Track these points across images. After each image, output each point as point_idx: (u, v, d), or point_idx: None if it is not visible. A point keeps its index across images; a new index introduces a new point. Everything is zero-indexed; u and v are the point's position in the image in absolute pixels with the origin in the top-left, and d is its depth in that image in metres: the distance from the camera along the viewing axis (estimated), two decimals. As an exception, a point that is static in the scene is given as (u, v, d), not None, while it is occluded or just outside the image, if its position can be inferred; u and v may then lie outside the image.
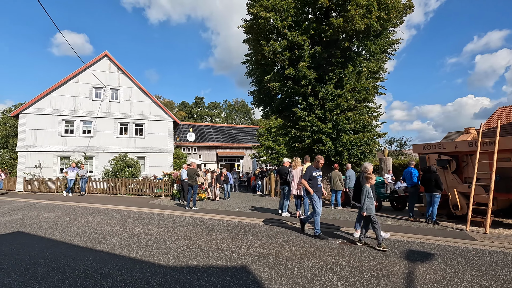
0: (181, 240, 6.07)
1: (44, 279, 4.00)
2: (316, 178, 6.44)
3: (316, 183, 6.43)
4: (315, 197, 6.32)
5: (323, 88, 13.22)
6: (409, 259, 4.80)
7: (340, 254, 5.07)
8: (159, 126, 22.34)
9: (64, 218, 8.59)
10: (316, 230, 6.24)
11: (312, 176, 6.42)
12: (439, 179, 7.58)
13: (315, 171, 6.51)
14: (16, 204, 11.69)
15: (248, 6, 13.68)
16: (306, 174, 6.52)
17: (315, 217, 6.25)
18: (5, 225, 7.58)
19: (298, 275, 4.09)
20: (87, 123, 20.31)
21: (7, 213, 9.59)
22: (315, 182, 6.43)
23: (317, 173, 6.52)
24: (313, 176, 6.42)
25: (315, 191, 6.35)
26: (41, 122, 19.03)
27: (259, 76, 15.12)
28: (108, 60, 21.31)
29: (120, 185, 15.63)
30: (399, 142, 34.71)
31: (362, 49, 14.25)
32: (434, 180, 7.54)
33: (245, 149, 37.14)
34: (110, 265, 4.54)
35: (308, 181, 6.39)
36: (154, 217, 8.80)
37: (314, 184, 6.41)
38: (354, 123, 13.38)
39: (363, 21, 11.76)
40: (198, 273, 4.20)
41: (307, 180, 6.40)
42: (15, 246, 5.61)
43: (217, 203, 12.28)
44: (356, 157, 13.72)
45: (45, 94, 19.29)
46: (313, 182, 6.42)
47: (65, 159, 19.40)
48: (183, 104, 73.11)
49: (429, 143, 8.91)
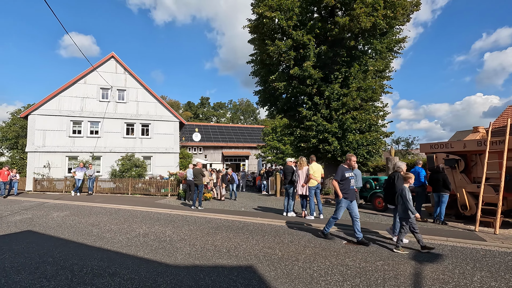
0: (187, 239, 6.10)
1: (53, 277, 4.07)
2: (348, 179, 5.82)
3: (348, 185, 5.81)
4: (342, 203, 5.74)
5: (329, 87, 13.15)
6: (416, 259, 4.75)
7: (346, 254, 5.04)
8: (165, 127, 22.51)
9: (73, 218, 8.72)
10: (326, 228, 6.04)
11: (344, 176, 5.79)
12: (447, 179, 7.47)
13: (347, 171, 5.89)
14: (26, 204, 11.90)
15: (253, 6, 13.68)
16: (338, 174, 5.84)
17: (331, 219, 5.93)
18: (15, 224, 7.72)
19: (304, 275, 4.07)
20: (95, 123, 20.57)
21: (17, 212, 9.77)
22: (347, 183, 5.79)
23: (350, 174, 5.90)
24: (345, 177, 5.79)
25: (345, 195, 5.74)
26: (49, 123, 19.34)
27: (264, 76, 15.11)
28: (114, 61, 21.55)
29: (127, 185, 15.79)
30: (406, 141, 34.29)
31: (368, 48, 14.12)
32: (442, 180, 7.44)
33: (250, 149, 37.17)
34: (117, 264, 4.60)
35: (340, 182, 5.80)
36: (160, 217, 8.87)
37: (346, 186, 5.78)
38: (360, 123, 13.27)
39: (369, 19, 11.65)
40: (204, 272, 4.22)
41: (338, 181, 5.80)
42: (25, 245, 5.72)
43: (222, 203, 12.31)
44: (362, 157, 13.61)
45: (53, 95, 19.61)
46: (345, 183, 5.78)
47: (73, 159, 19.69)
48: (189, 104, 73.50)
49: (436, 142, 8.79)
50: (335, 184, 5.83)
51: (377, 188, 10.95)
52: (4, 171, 14.82)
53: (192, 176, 11.25)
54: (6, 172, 14.83)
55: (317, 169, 8.49)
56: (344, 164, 6.06)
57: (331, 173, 14.21)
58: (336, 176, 5.88)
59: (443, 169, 7.67)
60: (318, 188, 8.54)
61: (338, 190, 5.78)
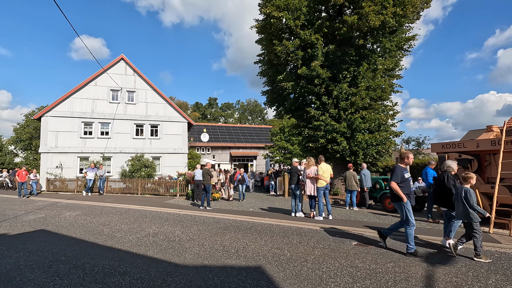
0: (196, 239, 6.14)
1: (66, 276, 4.15)
2: (408, 180, 5.20)
3: (408, 187, 5.19)
4: (408, 206, 5.07)
5: (337, 87, 13.03)
6: (428, 261, 4.66)
7: (356, 255, 4.98)
8: (173, 127, 22.71)
9: (84, 217, 8.88)
10: (409, 246, 5.01)
11: (404, 177, 5.17)
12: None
13: (406, 171, 5.26)
14: (39, 203, 12.19)
15: (261, 6, 13.68)
16: (396, 175, 5.17)
17: (408, 230, 5.06)
18: (29, 223, 7.91)
19: (313, 276, 4.05)
20: (105, 124, 20.91)
21: (31, 211, 10.01)
22: (407, 185, 5.18)
23: (408, 174, 5.26)
24: (404, 178, 5.17)
25: (408, 197, 5.10)
26: (61, 124, 19.76)
27: (272, 76, 15.09)
28: (124, 63, 21.86)
29: (136, 185, 16.00)
30: (416, 141, 33.73)
31: (377, 47, 13.94)
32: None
33: (258, 149, 37.17)
34: (127, 263, 4.66)
35: (399, 184, 5.12)
36: (169, 217, 8.95)
37: (406, 188, 5.16)
38: (369, 122, 13.12)
39: (378, 17, 11.51)
40: (213, 272, 4.23)
41: (398, 182, 5.11)
42: (38, 244, 5.85)
43: (231, 203, 12.35)
44: (372, 157, 13.46)
45: (65, 97, 20.02)
46: (405, 185, 5.16)
47: (85, 159, 20.06)
48: (197, 105, 74.00)
49: (448, 142, 8.61)
50: (395, 187, 5.09)
51: (386, 188, 10.80)
52: (22, 171, 15.02)
53: (201, 177, 11.34)
54: (24, 172, 15.00)
55: (326, 169, 8.42)
56: (400, 164, 5.36)
57: (340, 173, 14.08)
58: (395, 177, 5.17)
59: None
60: (327, 188, 8.47)
61: (400, 193, 5.05)
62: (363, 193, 10.69)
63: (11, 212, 9.83)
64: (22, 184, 14.65)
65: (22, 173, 14.83)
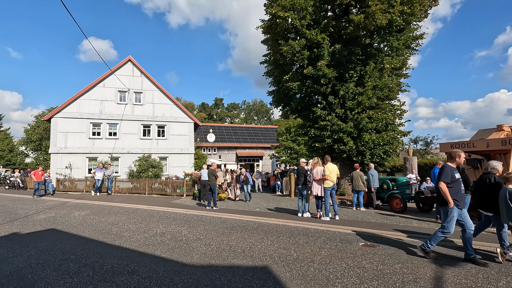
0: (203, 239, 6.18)
1: (76, 274, 4.22)
2: (458, 181, 4.69)
3: (458, 188, 4.66)
4: (454, 211, 4.55)
5: (344, 86, 12.95)
6: (437, 263, 4.60)
7: (363, 256, 4.95)
8: (180, 128, 22.89)
9: (93, 217, 9.02)
10: (429, 243, 4.81)
11: (454, 177, 4.66)
12: (468, 180, 7.19)
13: (456, 171, 4.77)
14: (50, 203, 12.41)
15: (266, 7, 13.69)
16: (445, 174, 4.67)
17: (438, 233, 4.74)
18: (40, 223, 8.07)
19: (319, 277, 4.04)
20: (113, 125, 21.19)
21: (41, 211, 10.21)
22: (457, 186, 4.65)
23: (458, 175, 4.77)
24: (455, 178, 4.66)
25: (456, 202, 4.57)
26: (71, 125, 20.10)
27: (278, 76, 15.08)
28: (131, 64, 22.12)
29: (144, 185, 16.17)
30: (424, 140, 33.25)
31: (384, 45, 13.81)
32: (463, 181, 7.15)
33: (264, 149, 37.17)
34: (135, 262, 4.72)
35: (448, 184, 4.62)
36: (176, 217, 9.02)
37: (456, 190, 4.63)
38: (376, 122, 13.00)
39: (385, 16, 11.40)
40: (219, 272, 4.26)
41: (447, 182, 4.61)
42: (49, 243, 5.97)
43: (237, 203, 12.38)
44: (379, 157, 13.33)
45: (74, 98, 20.36)
46: (455, 186, 4.63)
47: (93, 160, 20.36)
48: (203, 105, 74.37)
49: (457, 142, 8.49)
50: (443, 188, 4.58)
51: (394, 188, 10.70)
52: (38, 171, 15.13)
53: (207, 177, 11.42)
54: (40, 172, 15.14)
55: (333, 170, 8.38)
56: (451, 163, 4.85)
57: (347, 174, 14.00)
58: (444, 177, 4.65)
59: (463, 170, 7.39)
60: (333, 188, 8.43)
61: (448, 196, 4.53)
62: (370, 194, 10.60)
63: (22, 212, 10.04)
64: (38, 184, 14.79)
65: (38, 173, 14.99)
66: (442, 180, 4.65)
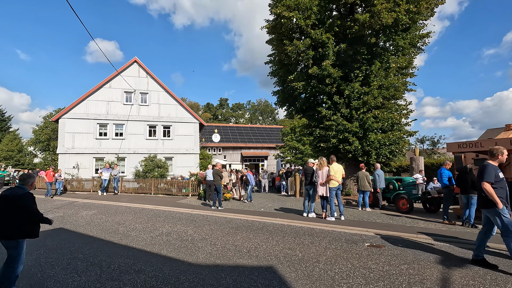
0: (208, 239, 6.21)
1: (84, 273, 4.29)
2: (502, 180, 4.34)
3: (504, 189, 4.30)
4: (504, 212, 4.16)
5: (349, 86, 12.89)
6: (444, 264, 4.56)
7: (369, 257, 4.93)
8: (185, 128, 23.03)
9: (100, 216, 9.13)
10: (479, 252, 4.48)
11: (499, 177, 4.31)
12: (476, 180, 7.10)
13: (499, 170, 4.41)
14: (58, 203, 12.60)
15: (271, 7, 13.69)
16: (489, 174, 4.28)
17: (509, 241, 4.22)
18: (48, 222, 8.20)
19: (325, 277, 4.03)
20: (119, 126, 21.42)
21: (50, 210, 10.37)
22: (502, 186, 4.30)
23: (502, 174, 4.43)
24: (499, 177, 4.31)
25: (504, 201, 4.21)
26: (78, 126, 20.37)
27: (283, 76, 15.07)
28: (137, 65, 22.32)
29: (149, 185, 16.30)
30: (431, 140, 32.87)
31: (390, 45, 13.70)
32: (471, 181, 7.08)
33: (269, 149, 37.15)
34: (142, 261, 4.77)
35: (493, 184, 4.25)
36: (182, 216, 9.08)
37: (502, 191, 4.27)
38: (382, 122, 12.91)
39: (390, 15, 11.31)
40: (225, 271, 4.28)
41: (491, 182, 4.24)
42: (57, 242, 6.07)
43: (242, 203, 12.41)
44: (385, 157, 13.24)
45: (81, 99, 20.63)
46: (500, 186, 4.28)
47: (100, 160, 20.60)
48: (208, 105, 74.64)
49: (465, 141, 8.38)
50: (489, 189, 4.20)
51: (400, 189, 10.61)
52: (50, 171, 15.23)
53: (212, 177, 11.52)
54: (51, 172, 15.20)
55: (338, 170, 8.35)
56: (492, 161, 4.47)
57: (352, 174, 13.93)
58: (487, 177, 4.26)
59: (471, 170, 7.29)
60: (339, 189, 8.40)
61: (495, 196, 4.15)
62: (376, 194, 10.53)
63: (32, 211, 10.20)
64: (50, 184, 14.88)
65: (50, 173, 15.06)
66: (485, 180, 4.26)
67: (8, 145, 33.77)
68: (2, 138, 36.20)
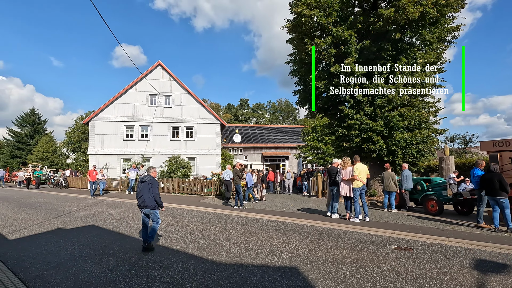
0: (231, 238, 6.29)
1: (115, 268, 4.50)
2: None
3: None
4: None
5: (372, 84, 12.51)
6: (479, 269, 4.30)
7: (397, 260, 4.76)
8: (207, 129, 23.42)
9: (128, 214, 9.52)
10: None
11: None
12: (503, 180, 6.61)
13: None
14: (89, 201, 13.28)
15: (291, 6, 13.58)
16: None
17: None
18: (81, 219, 8.67)
19: (350, 279, 3.95)
20: (144, 127, 22.19)
21: (82, 208, 10.96)
22: None
23: None
24: None
25: None
26: (106, 128, 21.35)
27: (304, 75, 14.90)
28: (161, 69, 23.02)
29: (173, 184, 16.75)
30: (462, 139, 31.06)
31: (416, 39, 13.12)
32: (498, 181, 6.61)
33: (290, 149, 36.89)
34: (168, 258, 4.92)
35: None
36: (205, 215, 9.25)
37: None
38: (408, 120, 12.40)
39: (416, 9, 10.84)
40: (248, 271, 4.31)
41: None
42: (90, 238, 6.40)
43: (263, 203, 12.43)
44: (412, 156, 12.69)
45: (109, 103, 21.60)
46: None
47: (127, 160, 21.46)
48: (229, 106, 75.43)
49: (501, 140, 7.86)
50: None
51: (429, 189, 10.13)
52: (93, 171, 15.14)
53: (228, 177, 12.20)
54: (94, 172, 15.10)
55: (362, 170, 8.14)
56: None
57: (377, 174, 13.49)
58: None
59: (495, 169, 6.81)
60: (363, 189, 8.19)
61: None
62: (403, 195, 10.14)
63: (65, 209, 10.85)
64: (93, 183, 14.95)
65: (93, 172, 15.04)
66: None
67: (44, 147, 36.03)
68: (38, 141, 38.72)
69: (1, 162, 39.85)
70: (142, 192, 5.62)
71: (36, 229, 7.33)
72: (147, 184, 5.64)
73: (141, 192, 5.63)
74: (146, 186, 5.62)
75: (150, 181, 5.67)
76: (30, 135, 41.89)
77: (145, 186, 5.64)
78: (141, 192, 5.63)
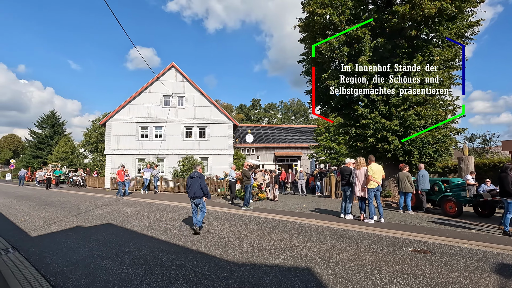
0: (244, 238, 6.30)
1: (131, 265, 4.60)
2: None
3: None
4: None
5: (387, 82, 12.24)
6: (501, 274, 4.14)
7: (413, 262, 4.64)
8: (219, 129, 23.60)
9: (143, 213, 9.71)
10: None
11: None
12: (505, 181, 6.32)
13: None
14: (105, 200, 13.64)
15: (303, 5, 13.49)
16: None
17: None
18: (98, 218, 8.92)
19: (365, 281, 3.88)
20: (158, 128, 22.60)
21: (99, 207, 11.27)
22: None
23: None
24: None
25: None
26: (122, 129, 21.87)
27: (316, 74, 14.77)
28: (174, 70, 23.38)
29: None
30: (482, 138, 29.90)
31: (433, 36, 12.75)
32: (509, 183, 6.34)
33: (302, 149, 36.66)
34: (182, 257, 4.99)
35: None
36: (218, 215, 9.32)
37: None
38: (425, 119, 12.06)
39: (433, 4, 10.55)
40: (261, 270, 4.31)
41: None
42: (106, 236, 6.57)
43: (276, 203, 12.39)
44: (429, 156, 12.34)
45: (125, 104, 22.12)
46: None
47: (141, 160, 21.91)
48: (241, 106, 75.71)
49: (524, 139, 7.52)
50: None
51: (447, 190, 9.82)
52: (121, 171, 14.63)
53: (231, 177, 12.56)
54: (122, 172, 14.63)
55: (377, 170, 7.98)
56: None
57: (392, 174, 13.20)
58: None
59: (506, 169, 6.54)
60: (378, 190, 8.02)
61: None
62: (420, 196, 9.87)
63: (83, 207, 11.19)
64: (122, 184, 14.66)
65: (121, 172, 14.62)
66: None
67: (63, 147, 37.28)
68: (58, 141, 40.10)
69: (24, 162, 41.54)
70: (192, 186, 6.59)
71: (56, 227, 7.60)
72: (196, 179, 6.64)
73: (192, 186, 6.60)
74: (196, 180, 6.62)
75: (199, 176, 6.71)
76: (50, 136, 43.45)
77: (195, 180, 6.63)
78: (192, 186, 6.60)
